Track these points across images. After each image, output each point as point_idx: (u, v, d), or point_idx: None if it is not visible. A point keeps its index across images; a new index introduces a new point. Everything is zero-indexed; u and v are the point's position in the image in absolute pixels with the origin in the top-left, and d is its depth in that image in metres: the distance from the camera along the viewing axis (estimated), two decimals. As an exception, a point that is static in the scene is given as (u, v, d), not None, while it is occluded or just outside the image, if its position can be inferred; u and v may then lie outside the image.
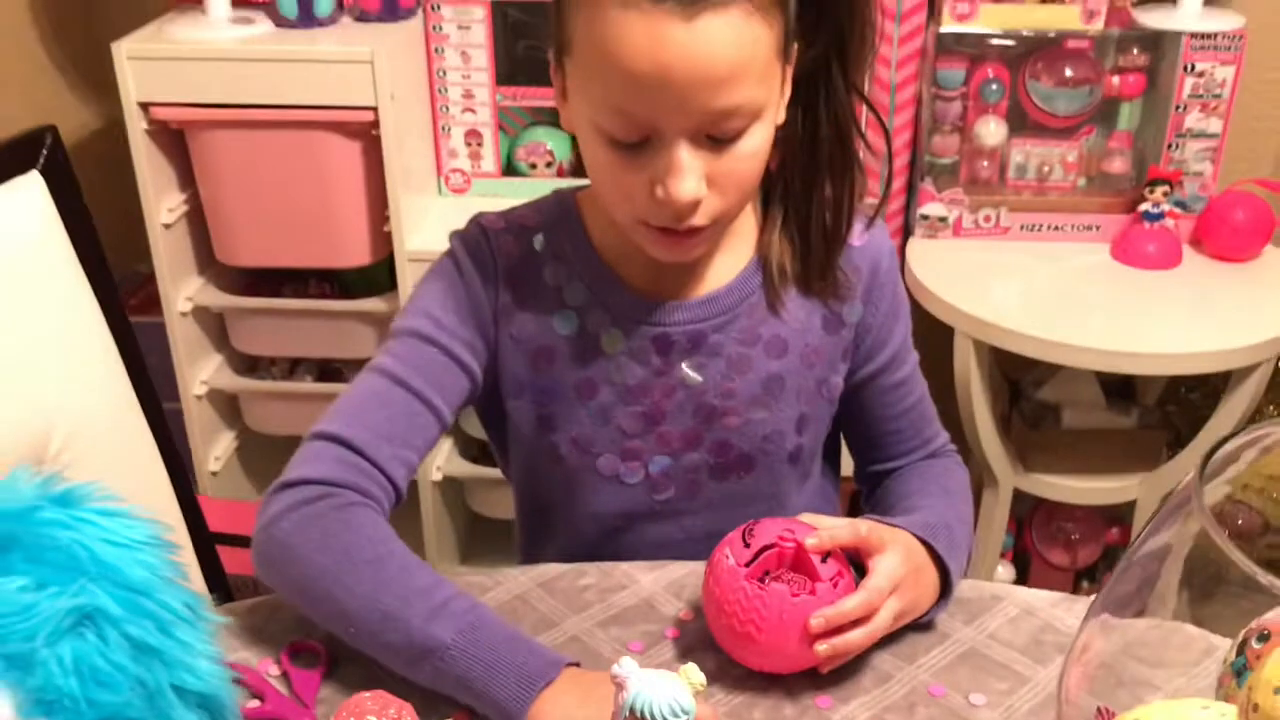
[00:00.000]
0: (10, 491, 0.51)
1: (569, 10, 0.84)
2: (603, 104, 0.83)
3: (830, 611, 0.81)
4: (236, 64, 1.66)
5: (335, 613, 0.83)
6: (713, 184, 0.84)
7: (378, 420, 0.91)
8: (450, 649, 0.79)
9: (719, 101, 0.80)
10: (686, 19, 0.77)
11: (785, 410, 1.00)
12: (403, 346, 0.94)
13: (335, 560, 0.83)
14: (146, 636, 0.50)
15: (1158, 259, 1.79)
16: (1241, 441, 0.59)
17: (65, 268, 1.03)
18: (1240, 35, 1.73)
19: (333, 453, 0.89)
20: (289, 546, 0.85)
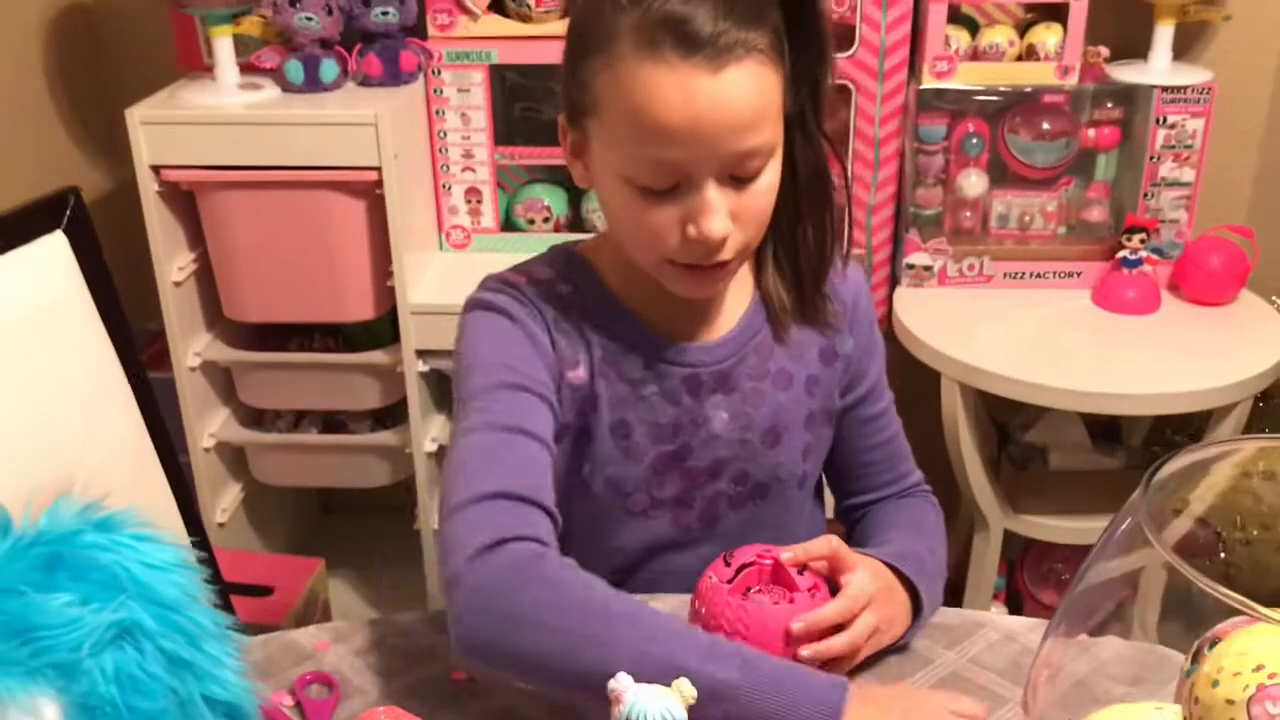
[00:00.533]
0: (56, 517, 0.55)
1: (590, 74, 0.89)
2: (633, 157, 0.89)
3: (810, 616, 0.86)
4: (245, 128, 1.72)
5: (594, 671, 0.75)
6: (736, 219, 0.91)
7: (518, 468, 0.89)
8: (740, 688, 0.79)
9: (744, 144, 0.88)
10: (713, 72, 0.85)
11: (794, 439, 1.06)
12: (494, 401, 0.93)
13: (582, 620, 0.81)
14: (179, 650, 0.55)
15: (1137, 304, 1.85)
16: (1186, 461, 0.64)
17: (88, 324, 1.08)
18: (1209, 88, 1.80)
19: (494, 507, 0.86)
20: (521, 618, 0.81)
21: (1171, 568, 0.56)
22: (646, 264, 0.95)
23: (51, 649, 0.51)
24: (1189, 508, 0.73)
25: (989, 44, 1.83)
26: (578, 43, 0.91)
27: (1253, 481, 0.72)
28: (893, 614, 0.93)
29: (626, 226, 0.95)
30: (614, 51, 0.87)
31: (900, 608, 0.94)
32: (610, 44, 0.87)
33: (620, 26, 0.86)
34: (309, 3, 1.75)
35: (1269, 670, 0.52)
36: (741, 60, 0.85)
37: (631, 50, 0.86)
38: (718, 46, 0.84)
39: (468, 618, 0.82)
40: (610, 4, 0.87)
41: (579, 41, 0.91)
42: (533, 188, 1.98)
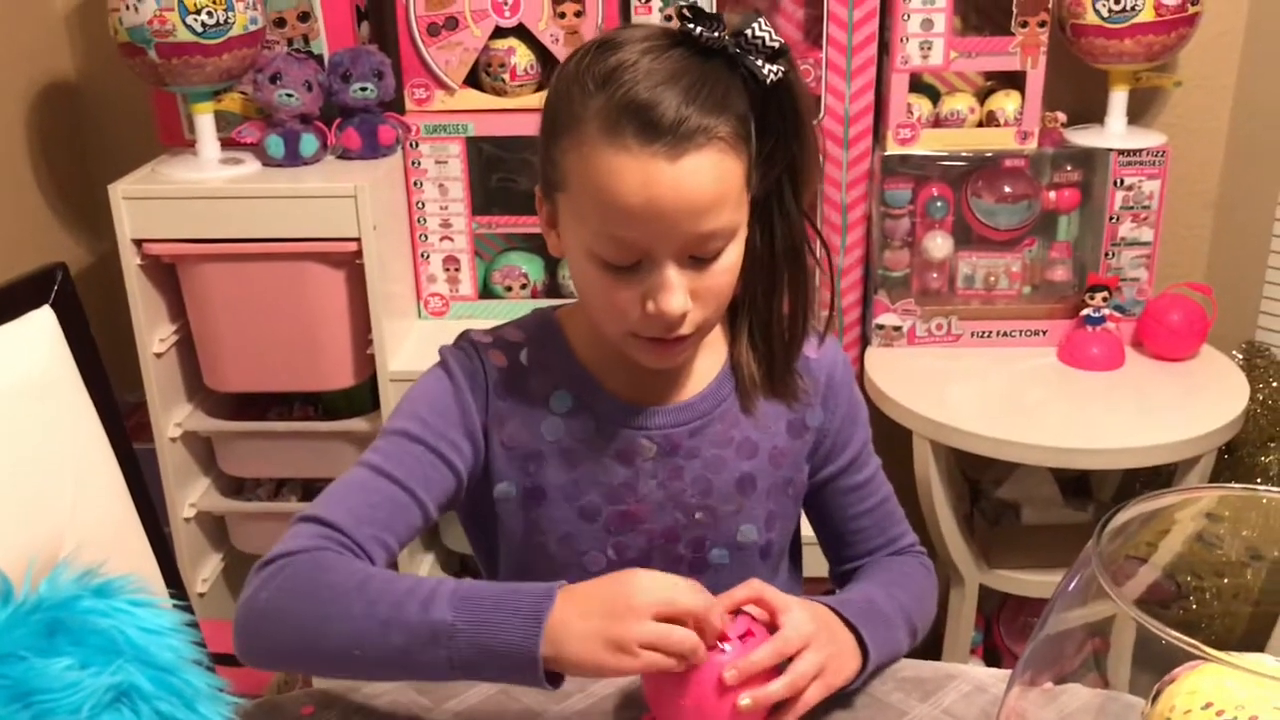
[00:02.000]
0: (55, 584, 0.57)
1: (560, 153, 0.93)
2: (598, 234, 0.92)
3: (742, 662, 0.86)
4: (226, 201, 1.76)
5: (337, 646, 0.86)
6: (696, 297, 0.94)
7: (358, 505, 0.96)
8: (454, 624, 0.84)
9: (703, 227, 0.91)
10: (672, 159, 0.88)
11: (756, 508, 1.07)
12: (389, 444, 1.00)
13: (322, 600, 0.88)
14: (175, 711, 0.57)
15: (1102, 360, 1.89)
16: (1139, 510, 0.67)
17: (75, 396, 1.10)
18: (1163, 151, 1.86)
19: (312, 530, 0.94)
20: (272, 610, 0.89)
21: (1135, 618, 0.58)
22: (611, 335, 0.98)
23: (52, 712, 0.53)
24: (1154, 556, 0.76)
25: (950, 111, 1.89)
26: (550, 122, 0.95)
27: (1214, 529, 0.75)
28: (839, 654, 0.93)
29: (592, 299, 0.98)
30: (581, 134, 0.90)
31: (846, 648, 0.94)
32: (578, 126, 0.90)
33: (588, 110, 0.90)
34: (289, 80, 1.80)
35: (1217, 708, 0.54)
36: (701, 148, 0.88)
37: (597, 134, 0.89)
38: (678, 134, 0.87)
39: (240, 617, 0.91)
40: (579, 88, 0.91)
41: (551, 121, 0.94)
42: (509, 255, 2.02)
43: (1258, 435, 1.85)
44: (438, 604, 0.85)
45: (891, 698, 0.97)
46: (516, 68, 1.87)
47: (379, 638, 0.85)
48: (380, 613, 0.86)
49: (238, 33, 1.71)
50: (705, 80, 0.90)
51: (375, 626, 0.85)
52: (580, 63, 0.93)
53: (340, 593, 0.88)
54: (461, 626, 0.84)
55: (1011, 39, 1.83)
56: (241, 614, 0.91)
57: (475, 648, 0.84)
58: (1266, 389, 1.87)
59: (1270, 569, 1.01)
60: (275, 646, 0.90)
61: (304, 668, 0.92)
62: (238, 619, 0.91)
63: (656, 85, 0.88)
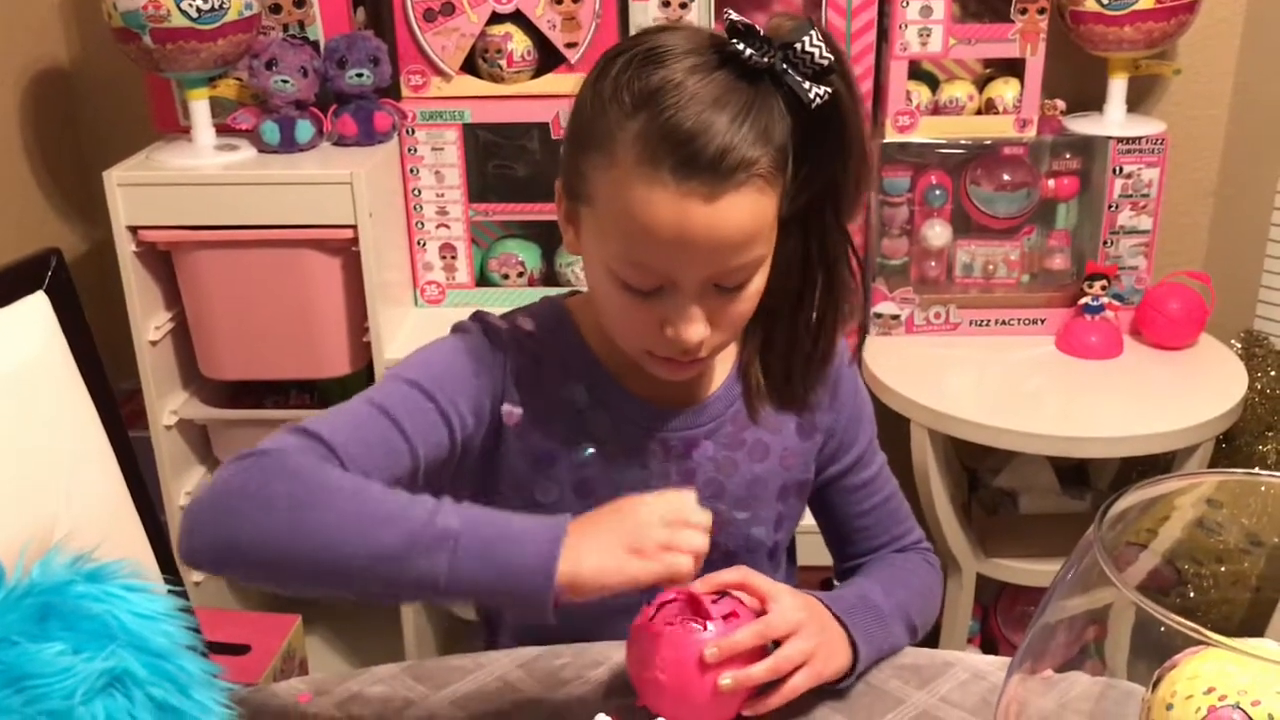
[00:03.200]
0: (47, 569, 0.57)
1: (590, 167, 0.89)
2: (621, 258, 0.89)
3: (724, 641, 0.86)
4: (222, 188, 1.75)
5: (315, 542, 0.79)
6: (714, 323, 0.92)
7: (356, 436, 0.90)
8: (460, 532, 0.79)
9: (733, 263, 0.89)
10: (709, 199, 0.84)
11: (766, 510, 1.06)
12: (397, 389, 0.95)
13: (307, 488, 0.81)
14: (168, 697, 0.56)
15: (1100, 349, 1.89)
16: (1139, 497, 0.66)
17: (69, 382, 1.09)
18: (1162, 139, 1.85)
19: (298, 439, 0.88)
20: (242, 492, 0.82)
21: (1136, 604, 0.58)
22: (626, 349, 0.97)
23: (45, 697, 0.52)
24: (1154, 543, 0.75)
25: (949, 99, 1.88)
26: (581, 131, 0.90)
27: (1213, 515, 0.75)
28: (829, 643, 0.92)
29: (608, 313, 0.96)
30: (614, 155, 0.86)
31: (836, 640, 0.93)
32: (612, 146, 0.86)
33: (625, 132, 0.85)
34: (284, 66, 1.79)
35: (1219, 693, 0.54)
36: (740, 186, 0.85)
37: (632, 160, 0.85)
38: (718, 171, 0.84)
39: (196, 500, 0.84)
40: (616, 105, 0.87)
41: (582, 131, 0.90)
42: (506, 243, 2.01)
43: (1256, 424, 1.85)
44: (444, 514, 0.81)
45: (889, 685, 0.97)
46: (513, 54, 1.87)
47: (370, 535, 0.79)
48: (375, 510, 0.80)
49: (233, 18, 1.70)
50: (749, 110, 0.85)
51: (368, 523, 0.79)
52: (620, 75, 0.87)
53: (329, 486, 0.82)
54: (469, 535, 0.80)
55: (1011, 26, 1.82)
56: (197, 501, 0.83)
57: (483, 560, 0.79)
58: (1265, 378, 1.87)
59: (1270, 555, 1.01)
60: (233, 534, 0.81)
61: (259, 568, 0.81)
62: (190, 507, 0.83)
63: (700, 114, 0.84)
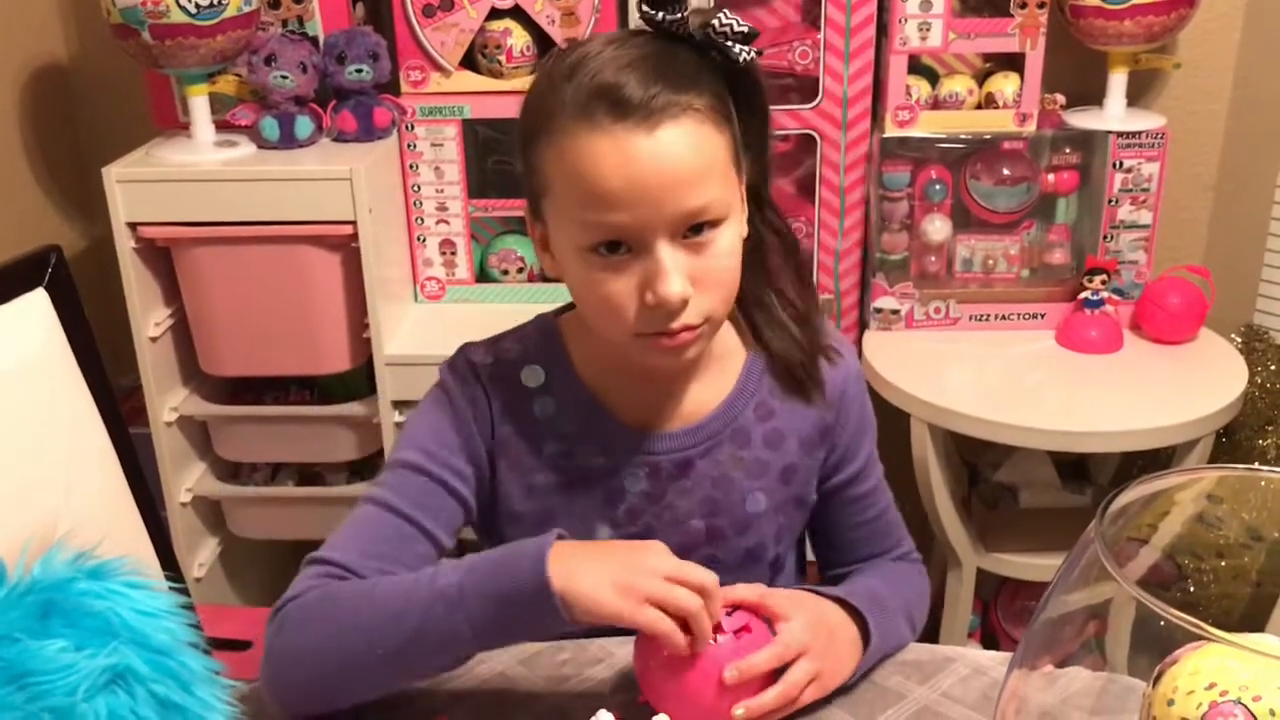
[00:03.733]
0: (49, 566, 0.57)
1: (538, 156, 0.92)
2: (584, 224, 0.90)
3: (743, 664, 0.86)
4: (221, 184, 1.75)
5: (356, 656, 0.88)
6: (696, 284, 0.91)
7: (364, 542, 0.96)
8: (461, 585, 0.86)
9: (690, 201, 0.89)
10: (648, 131, 0.87)
11: (766, 526, 1.06)
12: (394, 478, 0.99)
13: (333, 619, 0.89)
14: (170, 694, 0.56)
15: (1100, 344, 1.89)
16: (1141, 492, 0.66)
17: (69, 379, 1.09)
18: (1162, 133, 1.85)
19: (320, 571, 0.95)
20: (289, 648, 0.90)
21: (1137, 598, 0.58)
22: (616, 339, 0.95)
23: (47, 694, 0.52)
24: (1154, 538, 0.75)
25: (949, 93, 1.88)
26: (525, 131, 0.94)
27: (1214, 510, 0.75)
28: (837, 658, 0.93)
29: (590, 304, 0.95)
30: (554, 127, 0.89)
31: (846, 648, 0.94)
32: (550, 121, 0.90)
33: (558, 103, 0.89)
34: (284, 61, 1.79)
35: (1221, 688, 0.54)
36: (677, 119, 0.88)
37: (570, 122, 0.88)
38: (650, 108, 0.87)
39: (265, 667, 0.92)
40: (548, 85, 0.91)
41: (526, 129, 0.93)
42: (506, 239, 2.01)
43: (1256, 418, 1.85)
44: (442, 575, 0.87)
45: (890, 681, 0.97)
46: (513, 49, 1.86)
47: (394, 628, 0.86)
48: (391, 606, 0.87)
49: (232, 14, 1.70)
50: (672, 59, 0.90)
51: (389, 619, 0.87)
52: (545, 66, 0.94)
53: (349, 606, 0.90)
54: (469, 584, 0.85)
55: (1010, 20, 1.82)
56: (265, 667, 0.92)
57: (488, 599, 0.85)
58: (1265, 372, 1.87)
59: (1270, 550, 1.01)
60: (302, 682, 0.90)
61: (335, 694, 0.91)
62: (266, 670, 0.92)
63: (623, 67, 0.88)
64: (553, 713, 0.94)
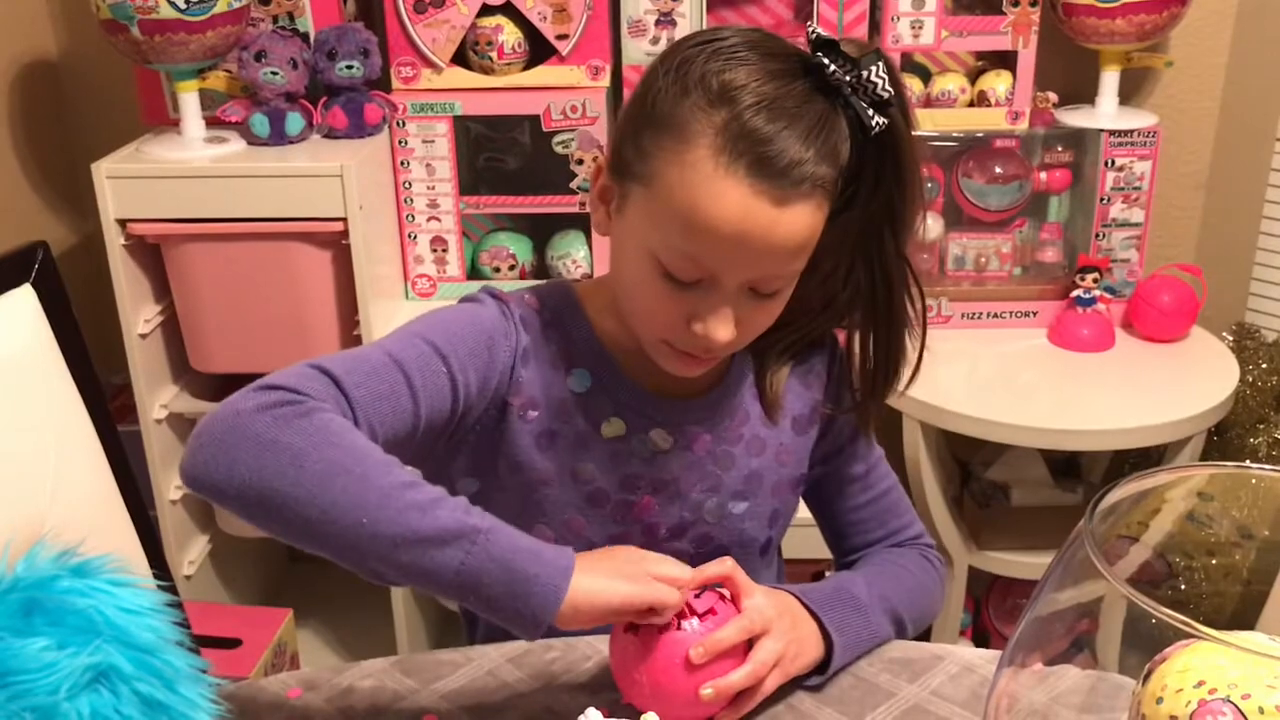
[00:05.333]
0: (32, 564, 0.56)
1: (657, 149, 0.88)
2: (671, 246, 0.89)
3: (708, 641, 0.87)
4: (211, 181, 1.74)
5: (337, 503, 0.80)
6: (740, 325, 0.92)
7: (364, 382, 0.90)
8: (489, 531, 0.82)
9: (780, 270, 0.90)
10: (778, 203, 0.86)
11: (761, 506, 1.06)
12: (415, 346, 0.94)
13: (343, 450, 0.82)
14: (155, 692, 0.56)
15: (1092, 342, 1.89)
16: (1130, 490, 0.66)
17: (56, 377, 1.09)
18: (1154, 132, 1.85)
19: (319, 380, 0.88)
20: (270, 435, 0.82)
21: (1127, 597, 0.58)
22: (642, 337, 0.96)
23: (29, 692, 0.52)
24: (1145, 536, 0.75)
25: (941, 91, 1.88)
26: (649, 112, 0.90)
27: (1204, 508, 0.75)
28: (800, 640, 0.93)
29: (635, 299, 0.95)
30: (690, 142, 0.86)
31: (807, 636, 0.94)
32: (686, 134, 0.87)
33: (703, 122, 0.86)
34: (274, 57, 1.78)
35: (1209, 686, 0.54)
36: (807, 197, 0.87)
37: (708, 151, 0.86)
38: (790, 178, 0.85)
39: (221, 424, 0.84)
40: (697, 96, 0.87)
41: (652, 110, 0.90)
42: (497, 236, 2.01)
43: (1247, 416, 1.85)
44: (474, 513, 0.83)
45: (880, 679, 0.97)
46: (504, 46, 1.86)
47: (401, 517, 0.80)
48: (406, 496, 0.81)
49: (222, 10, 1.69)
50: (824, 124, 0.87)
51: (398, 503, 0.80)
52: (697, 65, 0.88)
53: (364, 455, 0.83)
54: (495, 536, 0.82)
55: (1003, 18, 1.82)
56: (217, 424, 0.83)
57: (499, 564, 0.81)
58: (1256, 370, 1.87)
59: (1261, 548, 1.01)
60: (255, 479, 0.81)
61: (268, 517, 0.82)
62: (209, 428, 0.83)
63: (778, 117, 0.85)
64: (542, 711, 0.93)
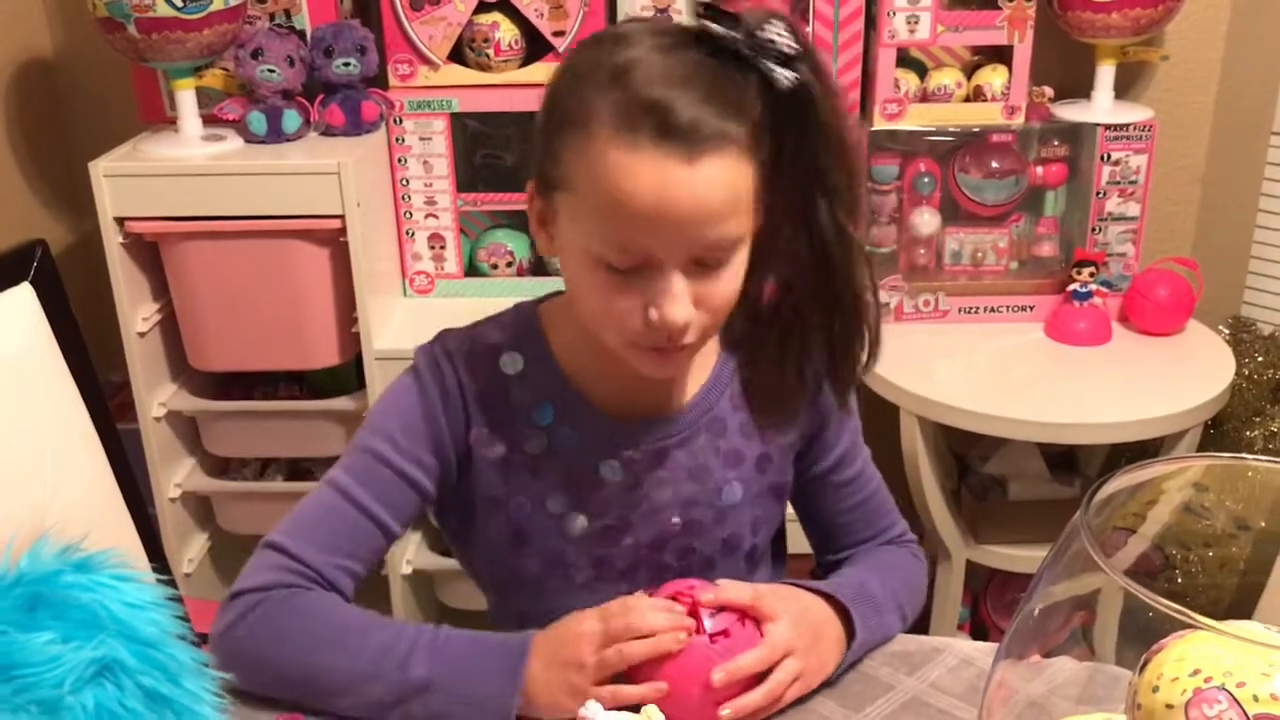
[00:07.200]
0: (36, 559, 0.57)
1: (565, 149, 0.88)
2: (603, 236, 0.87)
3: (730, 666, 0.87)
4: (209, 179, 1.74)
5: (316, 692, 0.91)
6: (699, 304, 0.90)
7: (323, 534, 0.98)
8: (430, 681, 0.89)
9: (715, 234, 0.87)
10: (689, 162, 0.84)
11: (742, 515, 1.06)
12: (358, 464, 0.99)
13: (300, 648, 0.92)
14: (158, 686, 0.56)
15: (1089, 335, 1.90)
16: (1126, 482, 0.67)
17: (55, 375, 1.09)
18: (1150, 125, 1.86)
19: (280, 563, 0.96)
20: (252, 651, 0.92)
21: (1124, 588, 0.58)
22: (611, 343, 0.94)
23: (35, 686, 0.52)
24: (1142, 527, 0.76)
25: (937, 86, 1.88)
26: (554, 115, 0.90)
27: (1201, 500, 0.75)
28: (821, 655, 0.94)
29: (591, 307, 0.93)
30: (591, 131, 0.86)
31: (831, 645, 0.95)
32: (588, 122, 0.86)
33: (599, 106, 0.85)
34: (271, 55, 1.78)
35: (1205, 674, 0.54)
36: (717, 151, 0.85)
37: (609, 132, 0.85)
38: (694, 137, 0.84)
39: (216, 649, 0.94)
40: (591, 82, 0.87)
41: (556, 114, 0.90)
42: (495, 233, 2.01)
43: (1243, 410, 1.86)
44: (415, 661, 0.90)
45: (879, 672, 0.97)
46: (501, 43, 1.86)
47: (360, 689, 0.90)
48: (359, 668, 0.90)
49: (218, 7, 1.69)
50: (721, 82, 0.86)
51: (358, 678, 0.90)
52: (588, 57, 0.89)
53: (320, 641, 0.92)
54: (439, 683, 0.89)
55: (999, 13, 1.82)
56: (221, 649, 0.94)
57: (454, 700, 0.88)
58: (1252, 363, 1.87)
59: (1257, 539, 1.02)
60: (261, 683, 0.92)
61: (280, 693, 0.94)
62: (216, 652, 0.92)
63: (673, 83, 0.85)
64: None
